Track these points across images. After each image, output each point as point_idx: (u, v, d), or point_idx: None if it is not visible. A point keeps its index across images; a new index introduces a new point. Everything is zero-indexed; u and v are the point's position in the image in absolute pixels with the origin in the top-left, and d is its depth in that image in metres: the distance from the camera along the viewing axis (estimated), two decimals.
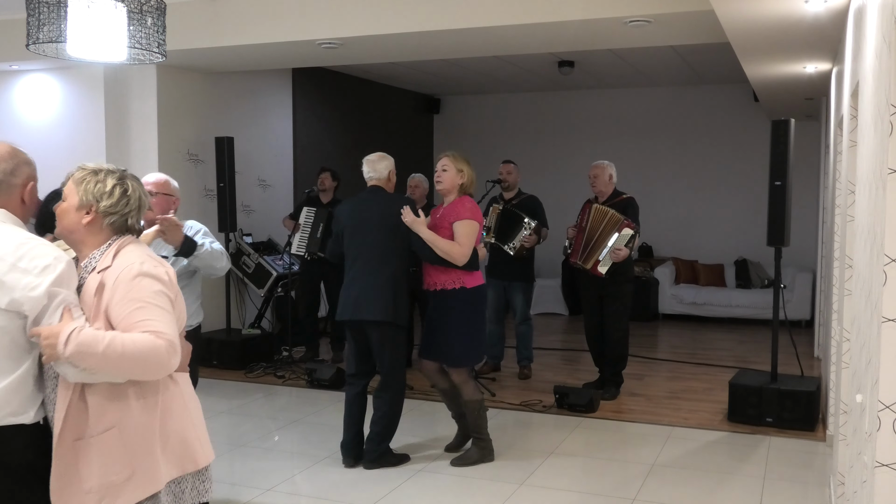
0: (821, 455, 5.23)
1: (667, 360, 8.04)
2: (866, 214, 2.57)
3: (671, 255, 11.08)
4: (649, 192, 10.29)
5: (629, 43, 6.19)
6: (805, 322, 9.67)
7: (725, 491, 4.70)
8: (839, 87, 5.18)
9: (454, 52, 6.84)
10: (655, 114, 11.26)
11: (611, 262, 6.21)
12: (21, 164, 2.58)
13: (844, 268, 3.96)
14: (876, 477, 2.01)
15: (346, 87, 10.25)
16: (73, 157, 7.37)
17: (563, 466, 5.05)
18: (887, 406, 1.98)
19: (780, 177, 5.73)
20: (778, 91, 7.55)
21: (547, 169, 11.47)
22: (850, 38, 3.99)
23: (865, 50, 2.87)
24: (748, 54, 5.68)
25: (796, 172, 6.11)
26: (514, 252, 6.69)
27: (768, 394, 5.72)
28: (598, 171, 6.44)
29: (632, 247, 6.22)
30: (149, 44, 3.36)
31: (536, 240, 6.78)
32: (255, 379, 7.21)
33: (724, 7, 4.26)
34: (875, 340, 2.11)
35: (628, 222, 6.21)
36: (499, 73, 10.15)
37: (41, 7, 3.20)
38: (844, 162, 4.30)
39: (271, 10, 6.24)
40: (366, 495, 4.55)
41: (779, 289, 5.94)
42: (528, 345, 7.26)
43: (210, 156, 7.87)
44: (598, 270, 6.27)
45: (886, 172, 2.02)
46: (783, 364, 6.24)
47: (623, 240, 6.18)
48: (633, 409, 6.28)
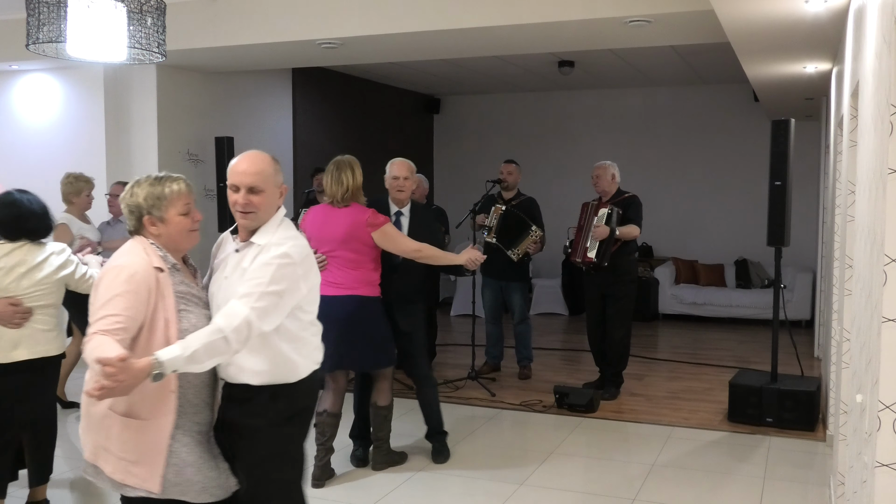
0: (821, 455, 5.23)
1: (667, 360, 8.04)
2: (866, 214, 2.57)
3: (671, 255, 11.08)
4: (649, 192, 10.26)
5: (629, 43, 6.19)
6: (805, 322, 9.66)
7: (725, 491, 4.69)
8: (839, 87, 5.18)
9: (454, 52, 6.84)
10: (655, 114, 11.26)
11: (596, 244, 6.24)
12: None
13: (844, 268, 3.96)
14: (876, 477, 2.01)
15: (346, 87, 10.25)
16: (73, 156, 7.38)
17: (563, 466, 5.04)
18: (887, 406, 1.98)
19: (780, 177, 5.73)
20: (778, 91, 7.55)
21: (547, 169, 11.47)
22: (850, 38, 3.99)
23: (865, 50, 2.87)
24: (748, 54, 5.68)
25: (796, 172, 6.11)
26: (517, 258, 6.71)
27: (768, 394, 5.72)
28: (601, 171, 6.46)
29: (612, 226, 6.22)
30: (149, 44, 3.36)
31: (540, 248, 6.79)
32: None
33: (724, 7, 4.26)
34: (875, 340, 2.11)
35: (603, 203, 6.32)
36: (499, 73, 10.15)
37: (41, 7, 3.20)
38: (844, 162, 4.30)
39: (271, 10, 6.24)
40: (366, 495, 4.55)
41: (779, 289, 5.94)
42: (528, 344, 7.25)
43: (210, 156, 7.87)
44: (588, 257, 6.29)
45: (886, 172, 2.02)
46: (783, 364, 6.24)
47: (601, 220, 6.25)
48: (633, 409, 6.28)
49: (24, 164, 7.63)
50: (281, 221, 2.84)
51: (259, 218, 2.78)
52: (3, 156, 7.70)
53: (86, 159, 7.33)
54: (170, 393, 2.63)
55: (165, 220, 2.72)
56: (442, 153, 12.23)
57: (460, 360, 7.73)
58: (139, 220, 2.73)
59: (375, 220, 4.63)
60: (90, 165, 7.25)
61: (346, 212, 4.63)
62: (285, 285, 2.68)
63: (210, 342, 2.50)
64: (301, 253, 2.77)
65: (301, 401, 2.88)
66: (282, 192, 2.86)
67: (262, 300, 2.62)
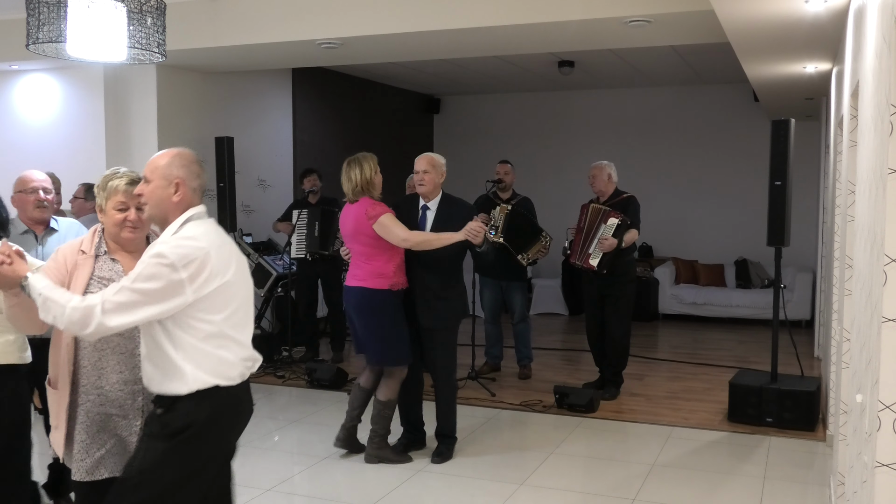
0: (821, 455, 5.23)
1: (667, 360, 8.04)
2: (866, 214, 2.57)
3: (671, 255, 11.08)
4: (649, 192, 10.27)
5: (629, 43, 6.19)
6: (805, 322, 9.66)
7: (725, 491, 4.69)
8: (839, 87, 5.18)
9: (454, 52, 6.84)
10: (655, 114, 11.26)
11: (601, 254, 6.23)
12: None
13: (844, 268, 3.96)
14: (876, 477, 2.01)
15: (346, 87, 10.25)
16: (74, 156, 7.38)
17: (563, 466, 5.04)
18: (887, 406, 1.98)
19: (780, 177, 5.73)
20: (778, 91, 7.55)
21: (547, 169, 11.47)
22: (850, 38, 3.99)
23: (865, 50, 2.87)
24: (748, 54, 5.68)
25: (796, 172, 6.11)
26: (527, 263, 6.71)
27: (768, 394, 5.71)
28: (597, 171, 6.47)
29: (620, 237, 6.21)
30: (149, 44, 3.36)
31: (546, 253, 6.80)
32: (254, 379, 7.08)
33: (724, 7, 4.26)
34: (875, 340, 2.10)
35: (613, 213, 6.26)
36: (499, 73, 10.15)
37: (41, 7, 3.20)
38: (844, 162, 4.30)
39: (271, 10, 6.24)
40: (366, 495, 4.55)
41: (779, 289, 5.94)
42: (528, 344, 7.25)
43: (210, 156, 7.86)
44: (589, 264, 6.29)
45: (886, 172, 2.02)
46: (783, 364, 6.23)
47: (609, 230, 6.22)
48: (633, 409, 6.28)
49: (24, 164, 7.56)
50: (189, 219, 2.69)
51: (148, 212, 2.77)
52: (3, 156, 7.70)
53: (86, 159, 7.33)
54: (68, 365, 2.82)
55: (104, 211, 2.90)
56: (442, 153, 11.94)
57: (460, 359, 7.71)
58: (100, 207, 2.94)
59: (373, 211, 4.73)
60: (90, 166, 7.26)
61: (354, 207, 4.88)
62: (153, 286, 2.51)
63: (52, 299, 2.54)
64: (185, 255, 2.55)
65: (188, 417, 2.60)
66: (177, 186, 2.69)
67: (121, 295, 2.52)
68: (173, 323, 2.60)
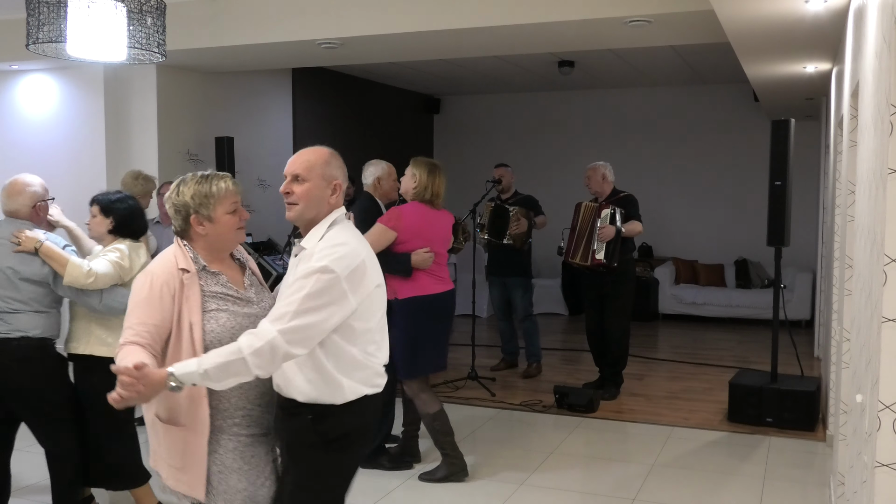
0: (821, 455, 5.23)
1: (667, 360, 8.04)
2: (866, 214, 2.57)
3: (671, 255, 11.08)
4: (649, 192, 10.27)
5: (629, 43, 6.19)
6: (805, 322, 9.66)
7: (725, 491, 4.69)
8: (839, 87, 5.18)
9: (454, 52, 6.84)
10: (655, 114, 11.25)
11: (604, 246, 6.24)
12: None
13: (844, 268, 3.96)
14: (876, 477, 2.01)
15: (346, 86, 10.24)
16: (74, 157, 7.38)
17: (563, 466, 5.04)
18: (887, 406, 1.98)
19: (780, 177, 5.73)
20: (778, 91, 7.55)
21: (547, 169, 11.46)
22: (850, 38, 3.99)
23: (865, 50, 2.87)
24: (748, 54, 5.68)
25: (796, 172, 6.11)
26: (514, 241, 6.74)
27: (768, 394, 5.71)
28: (591, 172, 6.52)
29: (617, 225, 6.22)
30: (149, 44, 3.36)
31: (527, 224, 6.81)
32: None
33: (724, 7, 4.26)
34: (875, 340, 2.10)
35: (604, 204, 6.32)
36: (499, 73, 10.15)
37: (41, 7, 3.20)
38: (844, 162, 4.30)
39: (271, 10, 6.24)
40: (365, 496, 4.54)
41: (779, 289, 5.94)
42: (535, 341, 7.27)
43: (210, 156, 7.87)
44: (597, 259, 6.29)
45: (886, 172, 2.02)
46: (783, 364, 6.23)
47: (605, 220, 6.23)
48: (633, 409, 6.28)
49: (24, 164, 7.59)
50: (333, 222, 2.60)
51: (301, 213, 2.60)
52: (4, 156, 7.69)
53: (86, 160, 7.33)
54: (202, 399, 2.54)
55: (213, 219, 2.61)
56: (442, 153, 12.21)
57: (460, 359, 7.73)
58: (186, 220, 2.62)
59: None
60: (90, 166, 7.26)
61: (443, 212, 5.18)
62: (323, 302, 2.43)
63: (226, 362, 2.36)
64: (347, 264, 2.48)
65: (345, 425, 2.59)
66: (334, 188, 2.61)
67: (294, 320, 2.40)
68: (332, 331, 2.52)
